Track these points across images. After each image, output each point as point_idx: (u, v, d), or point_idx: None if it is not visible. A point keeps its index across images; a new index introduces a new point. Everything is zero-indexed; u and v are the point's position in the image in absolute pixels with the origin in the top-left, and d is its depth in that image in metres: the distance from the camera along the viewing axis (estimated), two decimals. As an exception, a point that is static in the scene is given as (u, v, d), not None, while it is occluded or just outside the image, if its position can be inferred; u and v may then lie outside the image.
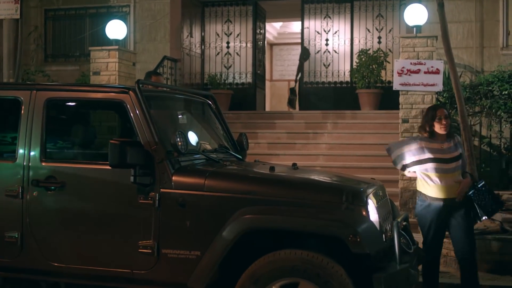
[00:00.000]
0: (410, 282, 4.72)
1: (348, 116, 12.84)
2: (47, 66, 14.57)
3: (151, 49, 13.95)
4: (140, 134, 4.92)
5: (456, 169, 5.92)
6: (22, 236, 5.13)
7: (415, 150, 5.95)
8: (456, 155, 5.94)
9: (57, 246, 5.09)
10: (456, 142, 6.01)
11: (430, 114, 5.97)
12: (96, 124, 5.75)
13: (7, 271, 5.23)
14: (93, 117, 5.89)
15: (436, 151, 5.88)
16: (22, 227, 5.13)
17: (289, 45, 20.19)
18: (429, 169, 5.89)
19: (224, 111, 13.69)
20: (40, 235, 5.11)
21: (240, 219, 4.60)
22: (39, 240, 5.10)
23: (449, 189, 5.87)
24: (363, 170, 10.80)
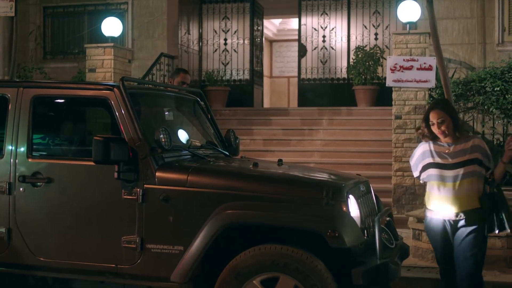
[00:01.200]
0: (390, 276, 4.76)
1: (343, 112, 12.89)
2: (46, 63, 14.65)
3: (149, 46, 14.00)
4: (124, 131, 4.98)
5: (460, 177, 5.08)
6: (9, 231, 5.20)
7: (421, 155, 5.33)
8: (462, 160, 5.09)
9: (43, 241, 5.16)
10: (471, 145, 5.15)
11: (424, 115, 5.35)
12: (82, 121, 5.82)
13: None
14: (79, 114, 5.95)
15: (438, 155, 5.21)
16: (9, 222, 5.20)
17: (288, 42, 20.23)
18: (430, 176, 5.25)
19: (221, 107, 13.85)
20: (27, 230, 5.18)
21: (221, 214, 4.67)
22: (26, 235, 5.17)
23: (451, 201, 5.12)
24: (357, 166, 10.86)
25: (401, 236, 5.76)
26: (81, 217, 5.08)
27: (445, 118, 5.15)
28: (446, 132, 5.16)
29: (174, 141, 5.38)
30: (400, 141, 9.84)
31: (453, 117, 5.21)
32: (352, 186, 5.03)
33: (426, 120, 5.25)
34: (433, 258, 7.14)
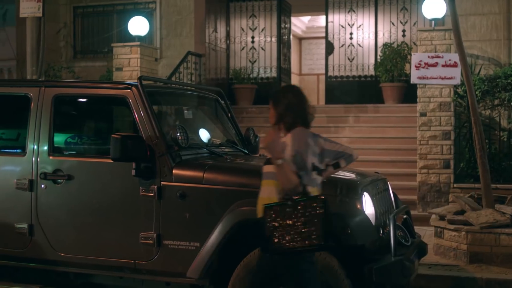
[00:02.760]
0: (404, 274, 4.78)
1: (370, 109, 12.85)
2: (76, 62, 14.85)
3: (177, 44, 14.10)
4: (142, 129, 5.07)
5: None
6: (31, 227, 5.33)
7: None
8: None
9: (64, 237, 5.29)
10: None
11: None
12: (101, 119, 5.93)
13: (17, 261, 5.45)
14: (99, 113, 6.05)
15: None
16: (31, 218, 5.33)
17: (317, 39, 20.18)
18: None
19: (248, 105, 13.91)
20: (48, 226, 5.31)
21: (236, 211, 4.74)
22: (47, 231, 5.30)
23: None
24: (382, 163, 10.84)
25: (419, 234, 5.75)
26: (100, 213, 5.19)
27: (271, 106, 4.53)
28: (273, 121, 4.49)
29: (192, 139, 5.46)
30: (425, 139, 9.80)
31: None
32: (367, 183, 5.05)
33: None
34: (455, 256, 7.14)
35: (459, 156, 9.95)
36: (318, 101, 19.08)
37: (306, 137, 4.16)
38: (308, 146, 4.13)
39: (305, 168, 4.06)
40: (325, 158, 4.27)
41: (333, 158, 4.31)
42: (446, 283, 6.61)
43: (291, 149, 4.08)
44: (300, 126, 4.23)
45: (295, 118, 4.23)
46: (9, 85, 6.17)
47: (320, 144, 4.26)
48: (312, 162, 4.13)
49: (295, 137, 4.13)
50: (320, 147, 4.25)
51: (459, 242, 7.12)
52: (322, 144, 4.29)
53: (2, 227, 5.41)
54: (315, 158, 4.16)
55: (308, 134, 4.22)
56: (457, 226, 7.19)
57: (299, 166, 4.04)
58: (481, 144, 7.39)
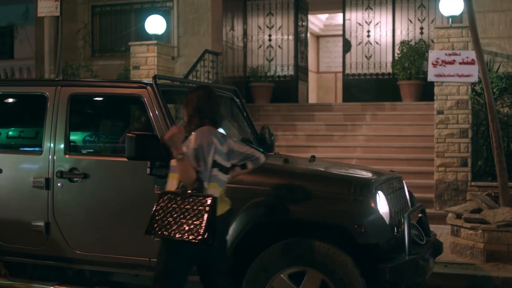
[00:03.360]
0: (418, 272, 4.76)
1: (387, 107, 12.81)
2: (94, 61, 14.95)
3: (194, 43, 14.14)
4: (157, 127, 5.09)
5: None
6: (48, 225, 5.39)
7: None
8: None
9: (80, 235, 5.33)
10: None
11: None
12: (117, 118, 5.96)
13: (34, 258, 5.50)
14: (115, 112, 6.08)
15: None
16: (47, 216, 5.39)
17: (335, 37, 20.14)
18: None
19: (265, 103, 13.93)
20: (64, 225, 5.35)
21: (250, 209, 4.75)
22: (63, 229, 5.35)
23: None
24: (399, 162, 10.82)
25: (434, 233, 5.73)
26: (115, 211, 5.23)
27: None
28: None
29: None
30: (442, 136, 9.76)
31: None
32: (381, 182, 5.04)
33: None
34: (471, 255, 7.11)
35: (477, 154, 9.90)
36: (336, 99, 19.08)
37: (209, 135, 4.32)
38: (211, 144, 4.29)
39: (204, 164, 4.23)
40: (232, 158, 4.47)
41: (240, 159, 4.53)
42: (462, 282, 6.58)
43: (192, 145, 4.26)
44: (208, 126, 4.39)
45: (203, 118, 4.39)
46: (26, 85, 6.22)
47: (229, 144, 4.45)
48: (214, 159, 4.28)
49: (198, 135, 4.31)
50: (228, 147, 4.43)
51: (476, 241, 7.09)
52: (232, 145, 4.48)
53: (19, 225, 5.47)
54: (219, 156, 4.32)
55: (214, 133, 4.37)
56: (473, 224, 7.15)
57: (199, 162, 4.22)
58: (498, 142, 7.35)
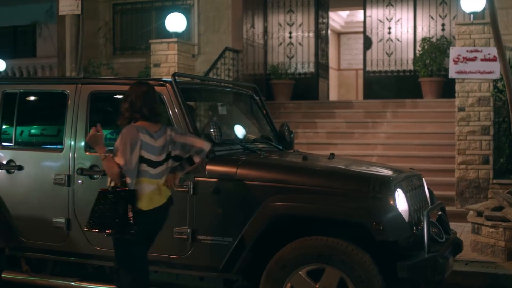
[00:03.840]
0: (438, 270, 4.74)
1: (408, 105, 12.76)
2: (115, 59, 15.06)
3: (215, 40, 14.19)
4: (176, 125, 5.11)
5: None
6: (68, 222, 5.43)
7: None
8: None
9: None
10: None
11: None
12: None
13: (55, 254, 5.56)
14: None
15: None
16: (68, 213, 5.43)
17: (356, 34, 20.05)
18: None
19: (285, 101, 13.93)
20: (84, 221, 5.35)
21: (269, 206, 4.76)
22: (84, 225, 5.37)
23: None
24: (420, 159, 10.77)
25: (454, 231, 5.70)
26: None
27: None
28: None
29: (226, 135, 5.49)
30: (463, 134, 9.69)
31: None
32: (400, 179, 5.03)
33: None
34: (492, 253, 7.06)
35: (499, 152, 9.81)
36: (357, 96, 19.02)
37: (135, 132, 4.43)
38: (136, 141, 4.40)
39: (125, 161, 4.36)
40: (174, 149, 4.64)
41: (183, 150, 4.67)
42: (483, 280, 6.53)
43: (117, 142, 4.46)
44: (140, 122, 4.53)
45: (133, 114, 4.54)
46: (48, 83, 6.28)
47: (171, 136, 4.62)
48: (141, 155, 4.42)
49: (124, 132, 4.47)
50: (169, 139, 4.60)
51: (497, 239, 7.03)
52: (174, 136, 4.63)
53: (40, 221, 5.53)
54: (146, 151, 4.45)
55: (142, 129, 4.48)
56: (494, 222, 7.09)
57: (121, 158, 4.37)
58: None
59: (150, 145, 4.49)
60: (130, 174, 4.39)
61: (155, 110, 4.62)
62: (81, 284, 5.49)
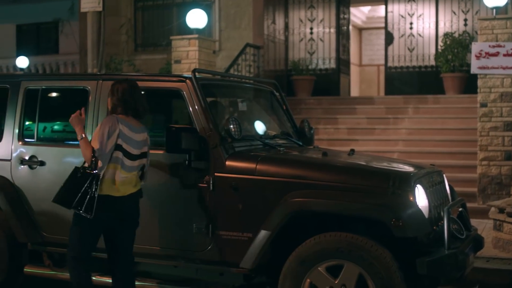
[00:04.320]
0: (458, 267, 4.71)
1: (430, 100, 12.68)
2: (137, 55, 15.14)
3: (236, 36, 14.20)
4: (196, 121, 5.14)
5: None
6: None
7: None
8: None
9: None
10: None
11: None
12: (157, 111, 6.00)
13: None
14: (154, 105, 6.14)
15: None
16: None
17: (378, 30, 19.94)
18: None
19: (306, 97, 13.92)
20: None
21: (288, 202, 4.76)
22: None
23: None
24: (442, 155, 10.72)
25: (475, 227, 5.66)
26: (155, 203, 5.28)
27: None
28: None
29: (245, 131, 5.50)
30: (485, 130, 9.61)
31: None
32: (421, 176, 5.00)
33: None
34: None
35: (522, 148, 9.73)
36: (378, 92, 18.94)
37: (115, 121, 4.73)
38: (114, 129, 4.71)
39: (100, 146, 4.66)
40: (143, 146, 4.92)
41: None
42: (504, 277, 6.50)
43: (97, 128, 4.80)
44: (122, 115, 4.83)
45: (114, 107, 4.86)
46: (69, 79, 6.34)
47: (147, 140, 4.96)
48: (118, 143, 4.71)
49: (104, 120, 4.81)
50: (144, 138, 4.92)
51: (520, 238, 6.99)
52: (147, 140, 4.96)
53: (62, 216, 5.55)
54: (124, 141, 4.74)
55: (123, 121, 4.78)
56: (516, 219, 7.05)
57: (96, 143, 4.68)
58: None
59: (129, 137, 4.78)
60: (102, 158, 4.67)
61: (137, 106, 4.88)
62: (102, 278, 5.54)
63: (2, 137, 5.91)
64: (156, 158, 5.22)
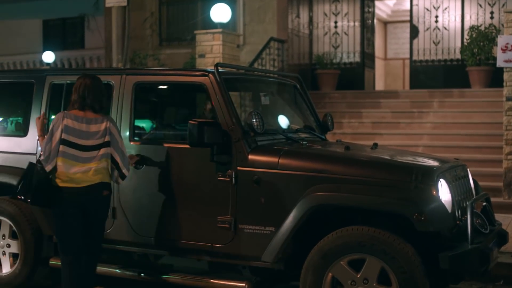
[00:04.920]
0: (481, 262, 4.68)
1: (455, 94, 12.57)
2: (162, 49, 15.20)
3: (260, 30, 14.19)
4: (219, 115, 5.15)
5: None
6: (114, 210, 5.51)
7: None
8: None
9: (144, 220, 5.44)
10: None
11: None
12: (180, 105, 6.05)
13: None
14: (177, 99, 6.18)
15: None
16: (113, 201, 5.51)
17: (403, 23, 19.80)
18: None
19: (330, 91, 13.88)
20: (129, 210, 5.48)
21: (310, 196, 4.76)
22: (129, 214, 5.48)
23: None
24: (467, 149, 10.63)
25: (499, 222, 5.61)
26: (178, 197, 5.31)
27: None
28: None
29: (268, 125, 5.50)
30: (511, 124, 9.51)
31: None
32: (444, 170, 4.97)
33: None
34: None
35: (548, 142, 9.61)
36: (404, 86, 18.81)
37: (58, 118, 4.99)
38: (58, 125, 4.95)
39: (46, 141, 4.97)
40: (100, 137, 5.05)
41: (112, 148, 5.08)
42: (529, 272, 6.44)
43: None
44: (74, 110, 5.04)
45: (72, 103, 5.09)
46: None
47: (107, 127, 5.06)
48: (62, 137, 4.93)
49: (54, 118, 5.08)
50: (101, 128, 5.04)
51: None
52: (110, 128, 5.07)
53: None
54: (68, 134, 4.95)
55: (68, 115, 5.00)
56: (542, 214, 6.98)
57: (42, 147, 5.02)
58: None
59: (76, 129, 4.96)
60: (45, 163, 4.92)
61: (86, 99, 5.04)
62: (126, 271, 5.60)
63: (28, 131, 5.99)
64: (179, 152, 5.24)
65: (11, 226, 5.93)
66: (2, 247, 5.99)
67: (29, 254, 5.86)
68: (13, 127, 6.41)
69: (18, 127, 6.33)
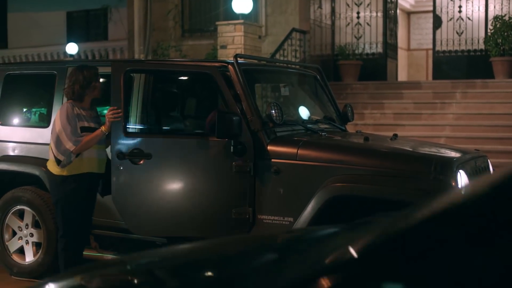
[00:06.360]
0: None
1: (478, 85, 12.45)
2: (184, 41, 15.22)
3: (282, 21, 14.16)
4: (238, 106, 5.17)
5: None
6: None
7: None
8: None
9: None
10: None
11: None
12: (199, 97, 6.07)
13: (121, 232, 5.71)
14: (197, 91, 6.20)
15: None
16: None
17: (426, 13, 19.64)
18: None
19: (352, 81, 13.82)
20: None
21: (328, 187, 4.77)
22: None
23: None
24: (490, 140, 10.54)
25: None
26: (195, 188, 5.31)
27: None
28: None
29: (288, 116, 5.51)
30: (535, 115, 9.43)
31: None
32: (464, 161, 4.95)
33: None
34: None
35: None
36: (427, 77, 18.66)
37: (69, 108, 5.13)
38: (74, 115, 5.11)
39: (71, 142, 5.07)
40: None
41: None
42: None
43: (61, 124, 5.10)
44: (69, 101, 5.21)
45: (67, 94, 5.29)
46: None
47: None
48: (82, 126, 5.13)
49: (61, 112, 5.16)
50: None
51: None
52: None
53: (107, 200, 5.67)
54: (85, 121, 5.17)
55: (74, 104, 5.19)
56: None
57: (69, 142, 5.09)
58: None
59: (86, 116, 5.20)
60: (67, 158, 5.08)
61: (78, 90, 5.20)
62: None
63: (50, 122, 6.05)
64: (196, 143, 5.27)
65: (34, 216, 6.00)
66: (25, 236, 6.08)
67: (52, 244, 5.94)
68: (36, 118, 6.50)
69: (41, 118, 6.41)
